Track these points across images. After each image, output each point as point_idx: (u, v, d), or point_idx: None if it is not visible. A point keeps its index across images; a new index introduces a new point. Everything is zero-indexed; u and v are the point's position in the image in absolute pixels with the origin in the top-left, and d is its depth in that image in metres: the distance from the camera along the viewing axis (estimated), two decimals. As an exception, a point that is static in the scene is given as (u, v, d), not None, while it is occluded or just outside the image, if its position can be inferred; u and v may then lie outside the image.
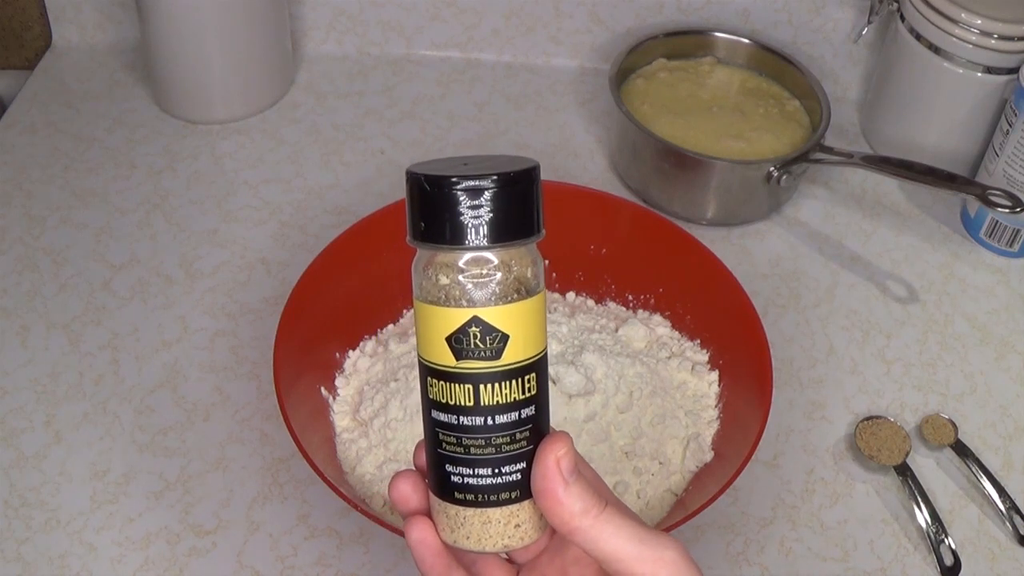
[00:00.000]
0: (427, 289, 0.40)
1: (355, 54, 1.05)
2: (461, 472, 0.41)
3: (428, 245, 0.39)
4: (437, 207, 0.38)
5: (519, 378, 0.40)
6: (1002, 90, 0.88)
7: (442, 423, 0.41)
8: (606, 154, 0.97)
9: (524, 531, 0.41)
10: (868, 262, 0.89)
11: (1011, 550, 0.70)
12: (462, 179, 0.38)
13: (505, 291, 0.39)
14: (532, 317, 0.40)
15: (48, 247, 0.85)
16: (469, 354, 0.39)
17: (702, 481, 0.67)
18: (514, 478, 0.41)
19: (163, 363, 0.77)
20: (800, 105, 0.94)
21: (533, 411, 0.41)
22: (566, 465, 0.40)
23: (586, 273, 0.80)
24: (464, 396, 0.40)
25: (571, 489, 0.40)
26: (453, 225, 0.38)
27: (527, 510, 0.41)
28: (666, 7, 1.01)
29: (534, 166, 0.39)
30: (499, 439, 0.40)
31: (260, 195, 0.91)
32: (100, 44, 1.04)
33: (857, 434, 0.75)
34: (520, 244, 0.39)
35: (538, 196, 0.40)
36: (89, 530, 0.68)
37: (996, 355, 0.83)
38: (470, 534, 0.41)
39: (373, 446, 0.68)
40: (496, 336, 0.39)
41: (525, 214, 0.39)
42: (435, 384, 0.40)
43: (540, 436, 0.41)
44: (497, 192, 0.38)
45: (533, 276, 0.40)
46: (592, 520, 0.39)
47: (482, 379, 0.39)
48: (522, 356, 0.40)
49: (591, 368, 0.70)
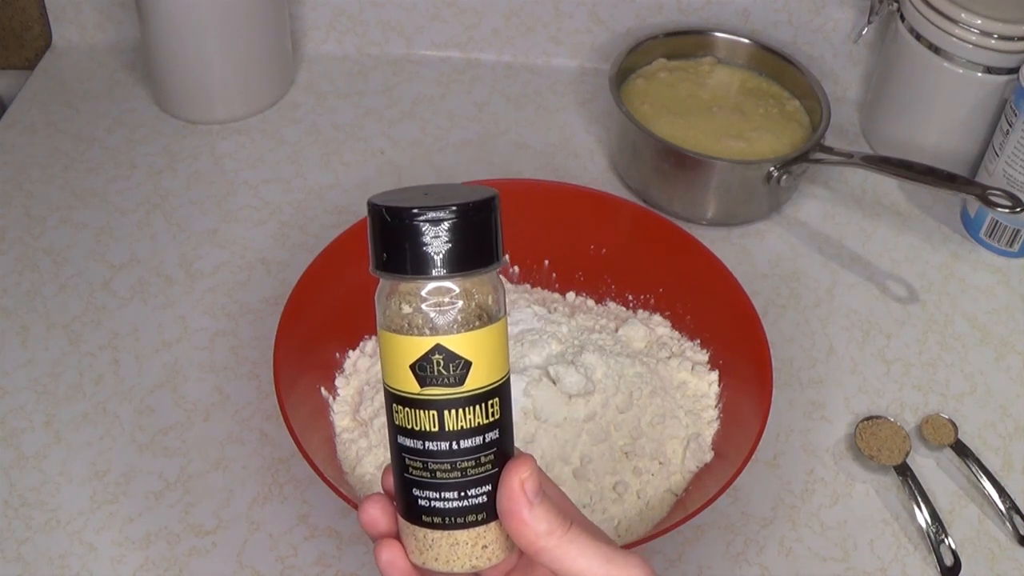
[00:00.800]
0: (390, 318, 0.40)
1: (355, 54, 1.05)
2: (428, 496, 0.41)
3: (390, 275, 0.40)
4: (398, 238, 0.39)
5: (483, 403, 0.40)
6: (1002, 90, 0.88)
7: (408, 448, 0.41)
8: (606, 154, 0.97)
9: (491, 552, 0.42)
10: (868, 262, 0.89)
11: (1011, 550, 0.70)
12: (423, 210, 0.38)
13: (467, 319, 0.40)
14: (494, 343, 0.40)
15: (48, 247, 0.85)
16: (433, 381, 0.40)
17: (702, 481, 0.67)
18: (480, 500, 0.41)
19: (163, 363, 0.78)
20: (800, 105, 0.94)
21: (497, 435, 0.41)
22: (530, 487, 0.40)
23: (586, 273, 0.80)
24: (429, 422, 0.40)
25: (536, 511, 0.40)
26: (415, 255, 0.39)
27: (494, 531, 0.42)
28: (666, 7, 1.01)
29: (493, 195, 0.40)
30: (464, 463, 0.41)
31: (260, 195, 0.91)
32: (100, 44, 1.04)
33: (857, 434, 0.75)
34: (481, 273, 0.40)
35: (497, 225, 0.40)
36: (89, 530, 0.68)
37: (996, 355, 0.83)
38: (438, 556, 0.42)
39: (373, 446, 0.68)
40: (459, 363, 0.40)
41: (485, 243, 0.40)
42: (400, 410, 0.41)
43: (505, 459, 0.41)
44: (457, 222, 0.38)
45: (494, 303, 0.41)
46: (557, 540, 0.40)
47: (446, 405, 0.40)
48: (485, 381, 0.40)
49: (591, 368, 0.70)
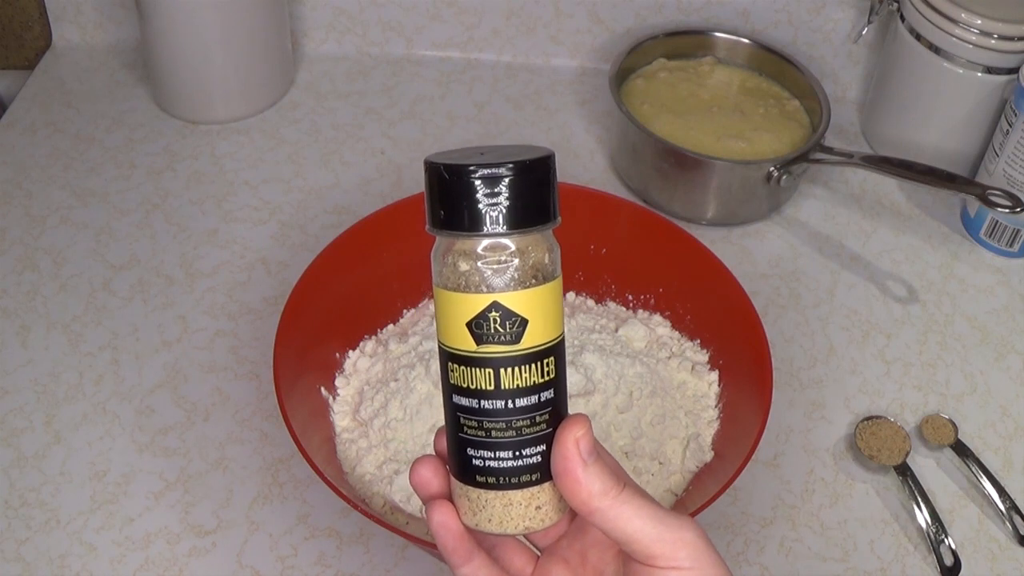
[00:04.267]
0: (447, 276, 0.41)
1: (355, 54, 1.05)
2: (482, 455, 0.41)
3: (447, 232, 0.40)
4: (456, 195, 0.39)
5: (538, 361, 0.41)
6: (1002, 90, 0.88)
7: (463, 407, 0.41)
8: (606, 154, 0.97)
9: (545, 513, 0.42)
10: (868, 262, 0.89)
11: (1011, 550, 0.70)
12: (480, 167, 0.39)
13: (523, 277, 0.40)
14: (550, 302, 0.41)
15: (48, 247, 0.85)
16: (489, 339, 0.40)
17: (702, 481, 0.67)
18: (534, 460, 0.41)
19: (163, 363, 0.78)
20: (800, 105, 0.94)
21: (552, 394, 0.41)
22: (585, 446, 0.40)
23: (586, 273, 0.80)
24: (485, 380, 0.40)
25: (590, 470, 0.40)
26: (471, 213, 0.39)
27: (547, 492, 0.42)
28: (666, 7, 1.01)
29: (550, 155, 0.40)
30: (519, 422, 0.41)
31: (260, 195, 0.91)
32: (100, 44, 1.04)
33: (857, 434, 0.75)
34: (537, 231, 0.40)
35: (554, 184, 0.41)
36: (89, 530, 0.68)
37: (996, 355, 0.83)
38: (492, 517, 0.42)
39: (373, 446, 0.68)
40: (516, 320, 0.40)
41: (541, 201, 0.40)
42: (456, 369, 0.41)
43: (559, 419, 0.42)
44: (514, 180, 0.39)
45: (550, 262, 0.41)
46: (611, 501, 0.40)
47: (502, 363, 0.40)
48: (541, 340, 0.41)
49: (591, 368, 0.70)
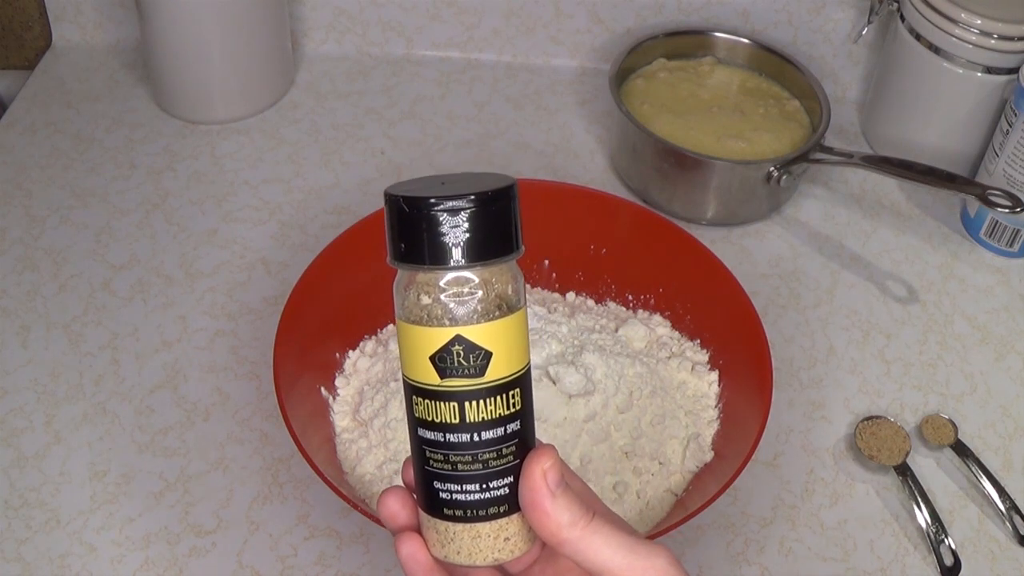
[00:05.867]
0: (409, 309, 0.40)
1: (355, 54, 1.05)
2: (449, 488, 0.41)
3: (408, 266, 0.39)
4: (416, 228, 0.38)
5: (504, 394, 0.40)
6: (1002, 90, 0.88)
7: (429, 441, 0.41)
8: (606, 154, 0.97)
9: (514, 544, 0.41)
10: (868, 262, 0.89)
11: (1011, 550, 0.70)
12: (440, 200, 0.38)
13: (487, 308, 0.39)
14: (514, 333, 0.40)
15: (48, 247, 0.85)
16: (453, 372, 0.39)
17: (702, 481, 0.67)
18: (502, 492, 0.41)
19: (163, 363, 0.78)
20: (800, 105, 0.94)
21: (518, 425, 0.41)
22: (552, 478, 0.40)
23: (586, 273, 0.80)
24: (450, 414, 0.40)
25: (558, 501, 0.40)
26: (433, 245, 0.38)
27: (516, 523, 0.41)
28: (666, 7, 1.01)
29: (511, 184, 0.39)
30: (486, 455, 0.40)
31: (260, 195, 0.91)
32: (100, 44, 1.04)
33: (857, 434, 0.75)
34: (500, 262, 0.39)
35: (516, 214, 0.40)
36: (89, 530, 0.68)
37: (996, 355, 0.83)
38: (460, 549, 0.41)
39: (373, 446, 0.68)
40: (479, 353, 0.39)
41: (504, 232, 0.39)
42: (420, 402, 0.40)
43: (527, 450, 0.41)
44: (475, 211, 0.38)
45: (514, 292, 0.40)
46: (580, 531, 0.39)
47: (467, 396, 0.40)
48: (506, 372, 0.40)
49: (591, 368, 0.70)
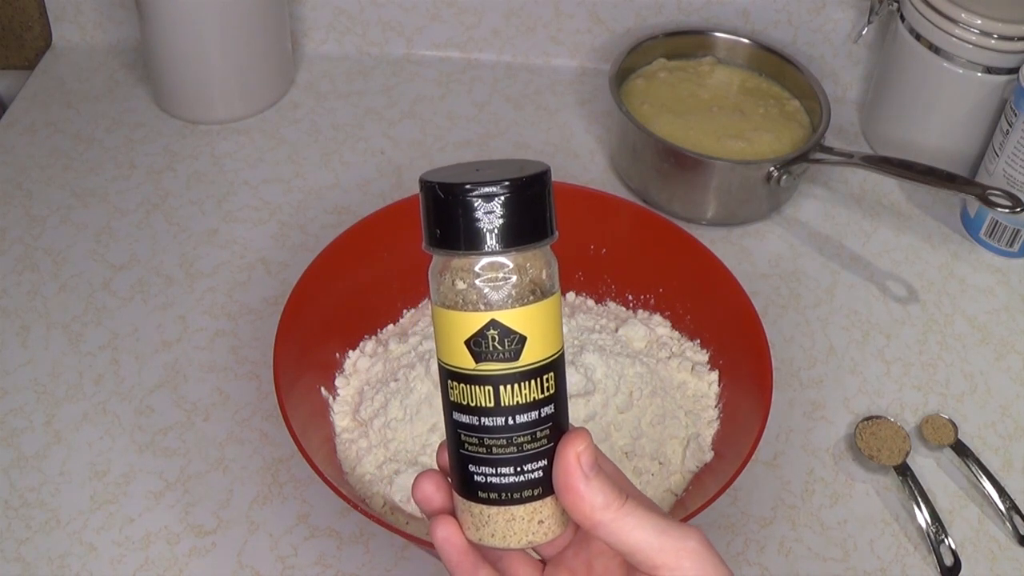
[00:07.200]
0: (444, 294, 0.41)
1: (355, 54, 1.05)
2: (484, 472, 0.41)
3: (444, 251, 0.40)
4: (452, 214, 0.39)
5: (538, 378, 0.41)
6: (1002, 90, 0.88)
7: (464, 424, 0.41)
8: (606, 154, 0.97)
9: (548, 527, 0.42)
10: (868, 262, 0.89)
11: (1011, 550, 0.70)
12: (475, 186, 0.38)
13: (521, 293, 0.40)
14: (548, 318, 0.41)
15: (48, 247, 0.85)
16: (488, 356, 0.40)
17: (702, 481, 0.67)
18: (536, 475, 0.41)
19: (163, 363, 0.78)
20: (800, 105, 0.94)
21: (552, 409, 0.41)
22: (586, 460, 0.40)
23: (586, 273, 0.80)
24: (484, 397, 0.40)
25: (592, 483, 0.40)
26: (468, 231, 0.39)
27: (550, 506, 0.42)
28: (666, 7, 1.01)
29: (545, 170, 0.40)
30: (520, 438, 0.41)
31: (260, 195, 0.91)
32: (100, 44, 1.04)
33: (857, 434, 0.75)
34: (534, 247, 0.40)
35: (550, 199, 0.40)
36: (89, 530, 0.68)
37: (996, 355, 0.83)
38: (495, 532, 0.42)
39: (373, 446, 0.68)
40: (514, 338, 0.40)
41: (538, 217, 0.40)
42: (455, 387, 0.41)
43: (560, 433, 0.42)
44: (510, 197, 0.39)
45: (548, 277, 0.41)
46: (614, 514, 0.40)
47: (502, 380, 0.40)
48: (540, 356, 0.41)
49: (591, 368, 0.70)
